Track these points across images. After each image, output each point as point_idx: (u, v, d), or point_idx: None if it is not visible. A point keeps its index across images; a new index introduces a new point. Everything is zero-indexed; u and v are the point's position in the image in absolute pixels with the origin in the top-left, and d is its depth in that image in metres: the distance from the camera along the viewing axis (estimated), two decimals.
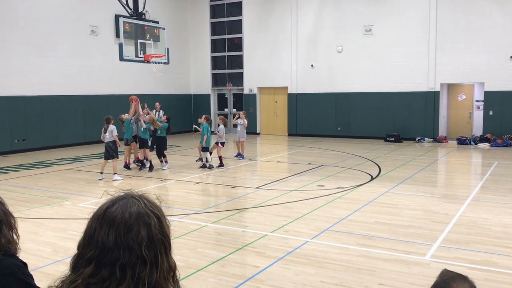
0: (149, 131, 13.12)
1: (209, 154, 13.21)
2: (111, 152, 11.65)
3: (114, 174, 11.67)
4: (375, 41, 20.18)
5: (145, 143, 12.93)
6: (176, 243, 6.48)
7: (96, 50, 19.30)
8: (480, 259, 5.88)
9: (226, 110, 24.76)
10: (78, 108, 18.70)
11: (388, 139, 19.59)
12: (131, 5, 13.89)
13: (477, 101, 19.60)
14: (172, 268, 1.40)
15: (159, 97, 20.11)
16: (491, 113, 18.54)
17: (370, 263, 5.74)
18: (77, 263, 1.36)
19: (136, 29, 13.44)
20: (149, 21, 14.34)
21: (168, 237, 1.40)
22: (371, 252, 6.16)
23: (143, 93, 21.19)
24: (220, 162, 13.20)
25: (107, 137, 11.63)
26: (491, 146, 17.61)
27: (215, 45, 24.71)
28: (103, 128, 11.71)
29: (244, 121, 14.84)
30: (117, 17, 18.70)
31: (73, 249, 1.40)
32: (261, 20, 22.82)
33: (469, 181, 12.08)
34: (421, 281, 5.16)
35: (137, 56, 13.41)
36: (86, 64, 18.96)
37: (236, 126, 15.17)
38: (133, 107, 12.85)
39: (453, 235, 6.84)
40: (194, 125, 13.87)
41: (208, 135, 12.98)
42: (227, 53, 24.32)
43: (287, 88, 22.54)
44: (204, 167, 13.07)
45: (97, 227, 1.35)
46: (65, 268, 1.40)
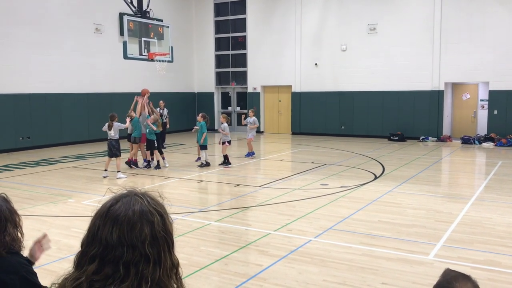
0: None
1: (206, 151, 13.25)
2: (114, 150, 11.68)
3: (118, 172, 11.71)
4: (379, 40, 20.13)
5: (152, 145, 12.87)
6: (179, 241, 6.51)
7: (100, 48, 19.33)
8: (483, 259, 5.87)
9: (230, 108, 24.76)
10: (82, 106, 18.75)
11: (392, 138, 19.54)
12: (135, 3, 13.90)
13: (482, 100, 19.54)
14: (175, 265, 1.41)
15: (163, 95, 20.15)
16: (495, 112, 18.47)
17: (373, 262, 5.74)
18: (81, 260, 1.37)
19: (140, 27, 13.45)
20: (153, 19, 14.34)
21: (171, 234, 1.40)
22: (374, 251, 6.16)
23: None
24: (226, 160, 13.19)
25: (112, 134, 11.66)
26: (496, 145, 17.54)
27: (219, 44, 24.71)
28: (107, 124, 11.76)
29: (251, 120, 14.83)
30: (121, 15, 18.72)
31: (77, 246, 1.41)
32: (265, 18, 22.80)
33: (473, 180, 12.04)
34: (425, 281, 5.16)
35: (141, 54, 13.42)
36: (90, 62, 19.00)
37: (246, 125, 15.18)
38: (140, 104, 12.91)
39: (456, 235, 6.83)
40: (195, 126, 13.81)
41: (206, 132, 13.03)
42: (231, 52, 24.32)
43: (291, 86, 22.52)
44: (202, 166, 13.09)
45: (100, 225, 1.36)
46: (69, 265, 1.41)
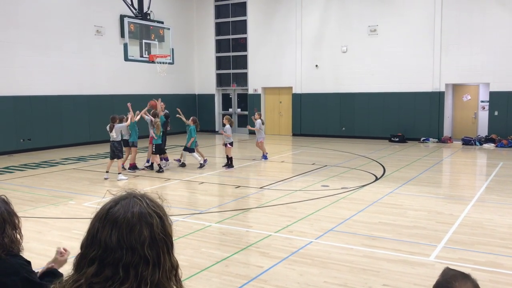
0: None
1: (188, 154, 13.36)
2: (117, 152, 11.71)
3: (118, 173, 11.71)
4: (380, 41, 20.14)
5: (159, 149, 12.86)
6: (180, 243, 6.51)
7: (101, 50, 19.36)
8: (484, 260, 5.86)
9: (230, 110, 24.77)
10: (83, 108, 18.77)
11: (392, 139, 19.54)
12: (136, 5, 13.92)
13: (482, 102, 19.53)
14: (174, 267, 1.41)
15: (164, 97, 20.12)
16: (496, 113, 18.46)
17: (374, 264, 5.73)
18: (80, 262, 1.37)
19: (141, 29, 13.47)
20: (154, 21, 14.36)
21: (170, 236, 1.40)
22: (375, 252, 6.15)
23: (147, 93, 21.24)
24: (229, 162, 13.18)
25: (114, 136, 11.70)
26: (496, 146, 17.53)
27: (220, 45, 24.73)
28: (108, 126, 11.79)
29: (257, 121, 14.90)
30: (122, 17, 18.75)
31: (78, 248, 1.41)
32: (265, 20, 22.82)
33: (474, 181, 12.03)
34: (426, 282, 5.15)
35: (142, 56, 13.43)
36: (91, 64, 19.03)
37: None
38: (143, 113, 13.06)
39: (457, 236, 6.82)
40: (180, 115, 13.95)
41: (195, 137, 13.17)
42: (231, 53, 24.34)
43: (291, 88, 22.52)
44: (183, 165, 13.27)
45: (99, 227, 1.36)
46: (69, 267, 1.41)
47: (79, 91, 18.62)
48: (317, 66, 21.68)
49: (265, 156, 14.80)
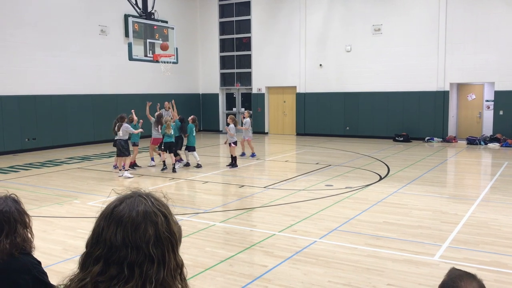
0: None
1: (189, 153, 13.43)
2: (123, 150, 11.84)
3: (125, 170, 11.87)
4: (384, 40, 20.09)
5: (169, 146, 12.89)
6: (184, 242, 6.50)
7: (105, 49, 19.40)
8: (489, 260, 5.84)
9: (234, 109, 24.78)
10: (87, 107, 18.82)
11: (397, 139, 19.49)
12: (140, 5, 13.95)
13: (487, 101, 19.45)
14: (179, 266, 1.41)
15: (168, 97, 20.15)
16: (501, 113, 18.38)
17: (378, 263, 5.72)
18: (86, 261, 1.37)
19: (145, 28, 13.49)
20: (158, 20, 14.38)
21: (175, 235, 1.40)
22: (379, 252, 6.14)
23: (152, 92, 21.30)
24: (233, 162, 13.19)
25: (120, 135, 11.84)
26: (501, 146, 17.46)
27: (224, 45, 24.74)
28: (117, 125, 11.91)
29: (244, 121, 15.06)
30: (126, 17, 18.81)
31: (83, 247, 1.41)
32: (269, 19, 22.81)
33: (479, 181, 11.98)
34: (430, 282, 5.13)
35: (146, 55, 13.46)
36: (95, 63, 19.08)
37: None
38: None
39: (462, 236, 6.80)
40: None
41: (193, 135, 13.25)
42: (235, 53, 24.34)
43: (295, 87, 22.51)
44: (187, 165, 13.32)
45: (104, 226, 1.36)
46: (74, 266, 1.41)
47: (83, 91, 18.66)
48: (321, 65, 21.65)
49: (254, 154, 15.00)
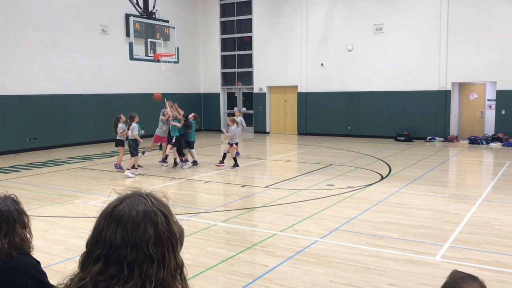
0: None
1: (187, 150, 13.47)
2: (131, 149, 11.91)
3: (127, 169, 11.93)
4: (385, 39, 20.07)
5: (179, 142, 12.96)
6: (185, 242, 6.49)
7: (106, 49, 19.41)
8: (491, 260, 5.83)
9: (235, 109, 24.70)
10: (88, 107, 18.83)
11: (398, 138, 19.47)
12: (141, 4, 13.95)
13: (489, 100, 19.42)
14: (179, 265, 1.40)
15: (169, 96, 20.15)
16: (503, 112, 18.35)
17: (380, 263, 5.71)
18: (86, 261, 1.37)
19: (146, 28, 13.49)
20: (159, 20, 14.39)
21: (175, 235, 1.40)
22: (381, 252, 6.13)
23: (153, 92, 21.27)
24: (235, 162, 13.14)
25: (129, 134, 11.94)
26: (503, 145, 17.43)
27: (225, 44, 24.73)
28: (127, 125, 11.97)
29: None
30: (127, 16, 18.80)
31: (84, 247, 1.41)
32: (270, 18, 22.80)
33: (481, 181, 11.97)
34: (431, 282, 5.13)
35: (147, 55, 13.47)
36: (96, 63, 19.08)
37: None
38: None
39: (464, 236, 6.78)
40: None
41: (193, 132, 13.35)
42: (236, 52, 24.33)
43: (296, 87, 22.49)
44: (195, 163, 13.34)
45: (104, 225, 1.36)
46: (75, 266, 1.41)
47: (84, 90, 18.67)
48: (322, 65, 21.63)
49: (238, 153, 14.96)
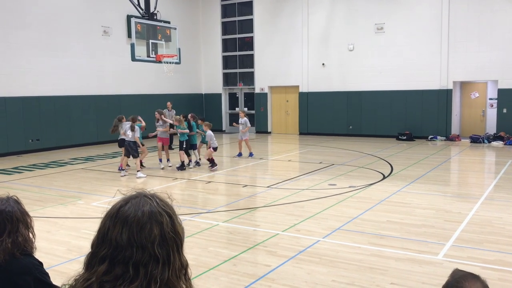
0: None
1: (197, 152, 13.55)
2: (131, 151, 11.92)
3: (137, 171, 12.01)
4: (387, 39, 20.06)
5: (185, 146, 13.03)
6: (188, 242, 6.51)
7: (108, 50, 19.44)
8: (493, 259, 5.83)
9: (237, 109, 24.75)
10: (90, 108, 18.86)
11: (400, 137, 19.46)
12: (142, 5, 13.96)
13: (491, 99, 19.39)
14: (184, 266, 1.42)
15: (171, 97, 20.20)
16: (504, 111, 18.33)
17: (382, 262, 5.72)
18: (91, 261, 1.38)
19: (148, 29, 13.51)
20: (160, 21, 14.39)
21: (180, 235, 1.41)
22: (383, 251, 6.14)
23: (155, 93, 21.35)
24: (211, 162, 12.91)
25: (129, 136, 11.88)
26: (505, 144, 17.41)
27: (226, 45, 24.75)
28: (129, 126, 11.99)
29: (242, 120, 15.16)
30: (129, 18, 18.82)
31: (87, 247, 1.42)
32: (272, 19, 22.81)
33: (483, 180, 11.96)
34: (434, 281, 5.13)
35: (149, 56, 13.48)
36: (98, 64, 19.12)
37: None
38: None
39: (466, 235, 6.79)
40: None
41: (195, 132, 13.40)
42: (238, 53, 24.35)
43: (298, 87, 22.50)
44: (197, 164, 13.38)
45: (110, 226, 1.37)
46: (78, 266, 1.42)
47: (86, 92, 18.70)
48: (323, 64, 21.63)
49: (251, 154, 15.03)
